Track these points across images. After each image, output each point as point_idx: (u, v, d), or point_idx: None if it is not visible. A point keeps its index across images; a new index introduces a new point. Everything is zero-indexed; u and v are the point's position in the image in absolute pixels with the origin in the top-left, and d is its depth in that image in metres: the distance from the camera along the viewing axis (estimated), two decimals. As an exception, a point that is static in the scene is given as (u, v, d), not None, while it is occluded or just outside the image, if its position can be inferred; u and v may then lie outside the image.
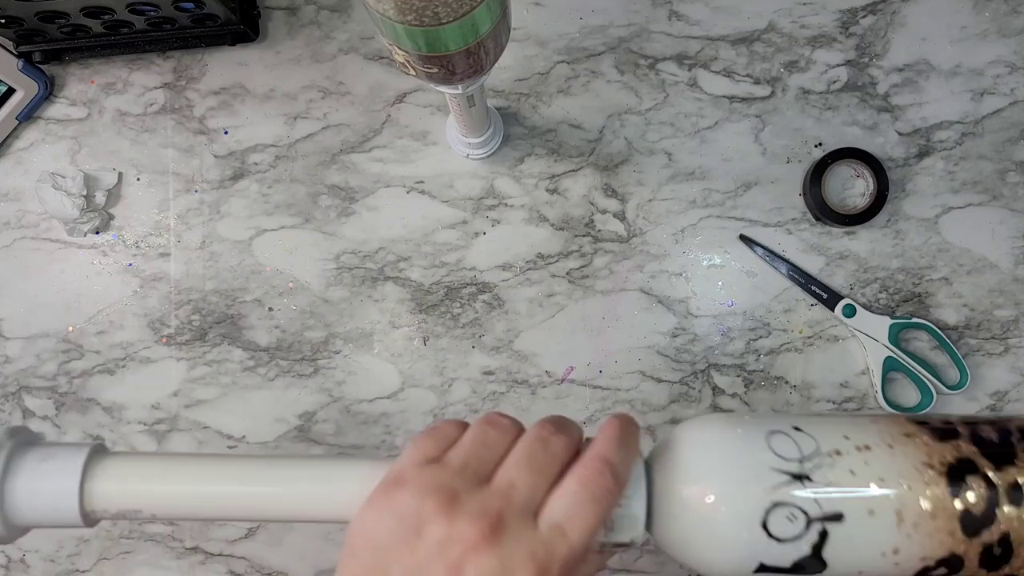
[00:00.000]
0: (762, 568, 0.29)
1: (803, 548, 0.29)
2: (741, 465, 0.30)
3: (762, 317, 0.57)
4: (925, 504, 0.28)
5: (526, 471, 0.29)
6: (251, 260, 0.58)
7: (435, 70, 0.36)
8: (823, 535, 0.29)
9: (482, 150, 0.56)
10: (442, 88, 0.41)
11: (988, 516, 0.28)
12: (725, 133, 0.57)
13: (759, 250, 0.57)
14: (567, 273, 0.57)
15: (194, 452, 0.56)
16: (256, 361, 0.58)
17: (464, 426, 0.31)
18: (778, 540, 0.29)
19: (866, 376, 0.56)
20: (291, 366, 0.58)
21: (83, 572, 0.59)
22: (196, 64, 0.59)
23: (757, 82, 0.57)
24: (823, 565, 0.29)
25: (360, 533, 0.29)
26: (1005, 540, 0.28)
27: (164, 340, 0.58)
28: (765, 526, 0.29)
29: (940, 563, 0.29)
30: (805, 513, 0.29)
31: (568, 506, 0.28)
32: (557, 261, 0.57)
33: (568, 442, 0.30)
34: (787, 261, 0.57)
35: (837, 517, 0.29)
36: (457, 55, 0.35)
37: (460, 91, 0.42)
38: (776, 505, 0.29)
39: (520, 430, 0.31)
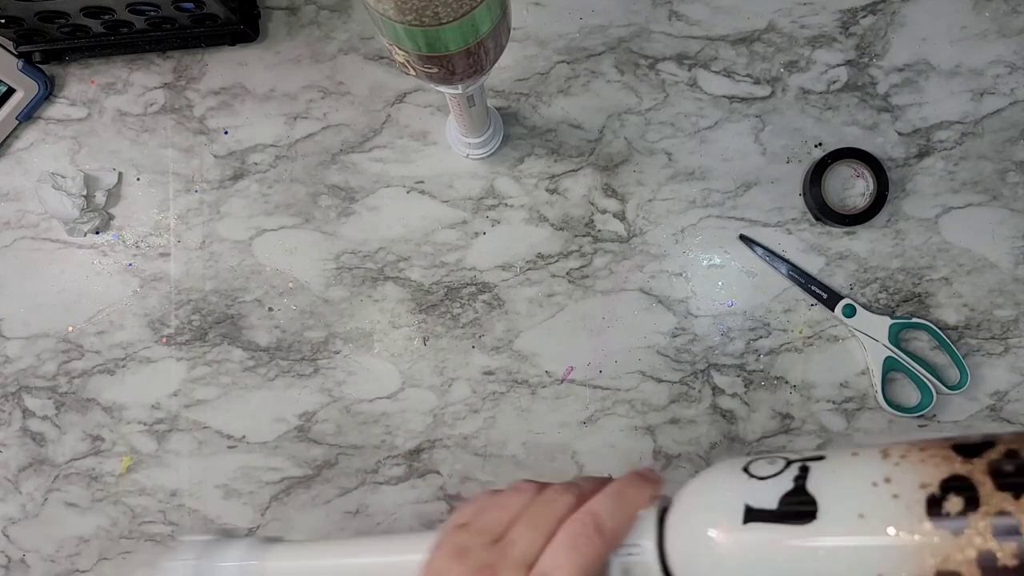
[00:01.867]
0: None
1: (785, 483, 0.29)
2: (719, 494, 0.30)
3: (762, 317, 0.57)
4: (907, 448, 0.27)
5: (526, 528, 0.32)
6: (251, 260, 0.58)
7: (435, 70, 0.36)
8: (803, 470, 0.29)
9: (482, 150, 0.56)
10: (442, 88, 0.41)
11: (986, 440, 0.26)
12: (725, 133, 0.57)
13: (759, 250, 0.57)
14: (567, 273, 0.57)
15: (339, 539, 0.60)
16: (256, 361, 0.58)
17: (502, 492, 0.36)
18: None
19: (866, 376, 0.56)
20: (291, 366, 0.58)
21: (83, 572, 0.59)
22: (196, 64, 0.59)
23: (757, 82, 0.57)
24: (812, 503, 0.28)
25: None
26: (1013, 453, 0.25)
27: (164, 340, 0.58)
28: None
29: (946, 487, 0.25)
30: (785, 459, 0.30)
31: (553, 556, 0.31)
32: (557, 261, 0.57)
33: (572, 500, 0.33)
34: (787, 261, 0.57)
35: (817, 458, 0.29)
36: (457, 55, 0.35)
37: (460, 91, 0.42)
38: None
39: (540, 492, 0.35)
